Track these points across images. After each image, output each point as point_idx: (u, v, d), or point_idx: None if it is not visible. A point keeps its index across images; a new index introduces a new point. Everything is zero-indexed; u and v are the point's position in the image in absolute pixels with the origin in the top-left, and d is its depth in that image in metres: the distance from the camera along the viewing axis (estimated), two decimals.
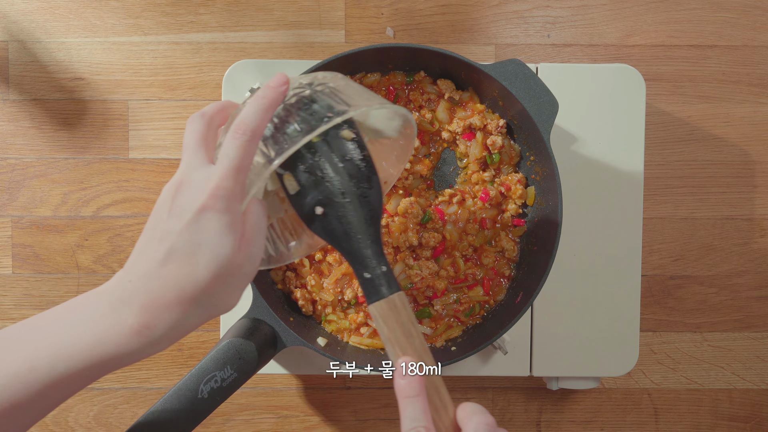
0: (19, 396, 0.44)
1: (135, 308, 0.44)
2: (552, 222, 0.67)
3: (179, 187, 0.45)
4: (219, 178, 0.44)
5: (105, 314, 0.44)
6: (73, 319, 0.45)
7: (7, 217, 0.85)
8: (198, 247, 0.43)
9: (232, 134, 0.45)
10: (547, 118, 0.65)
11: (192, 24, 0.85)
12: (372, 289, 0.51)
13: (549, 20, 0.85)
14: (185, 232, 0.44)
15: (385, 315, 0.50)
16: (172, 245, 0.44)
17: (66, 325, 0.45)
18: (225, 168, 0.44)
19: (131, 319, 0.44)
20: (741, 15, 0.85)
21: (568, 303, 0.77)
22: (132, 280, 0.44)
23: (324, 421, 0.86)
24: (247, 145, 0.45)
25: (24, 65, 0.84)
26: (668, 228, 0.86)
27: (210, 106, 0.50)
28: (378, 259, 0.52)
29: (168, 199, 0.45)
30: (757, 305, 0.86)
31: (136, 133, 0.85)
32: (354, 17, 0.85)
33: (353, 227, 0.53)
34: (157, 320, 0.44)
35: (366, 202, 0.53)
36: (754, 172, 0.86)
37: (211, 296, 0.45)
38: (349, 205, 0.53)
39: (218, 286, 0.45)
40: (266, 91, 0.48)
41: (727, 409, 0.87)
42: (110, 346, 0.44)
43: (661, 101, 0.85)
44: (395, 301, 0.50)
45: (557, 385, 0.79)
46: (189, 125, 0.48)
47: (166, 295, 0.44)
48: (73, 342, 0.44)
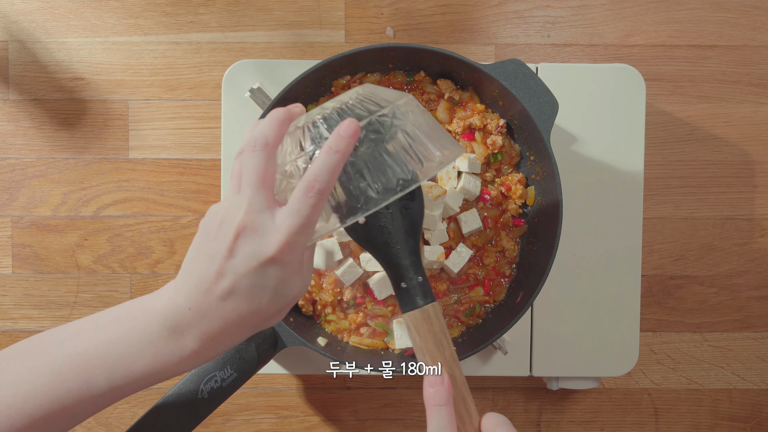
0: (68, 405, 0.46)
1: (196, 335, 0.45)
2: (552, 222, 0.67)
3: (242, 230, 0.44)
4: (289, 234, 0.44)
5: (164, 338, 0.45)
6: (131, 334, 0.46)
7: (7, 217, 0.85)
8: (263, 290, 0.45)
9: (305, 191, 0.44)
10: (547, 118, 0.65)
11: (192, 24, 0.85)
12: (407, 298, 0.52)
13: (549, 20, 0.85)
14: (251, 276, 0.44)
15: (418, 325, 0.51)
16: (235, 285, 0.44)
17: (124, 339, 0.46)
18: (296, 225, 0.44)
19: (192, 344, 0.45)
20: (741, 15, 0.85)
21: (568, 303, 0.77)
22: (192, 308, 0.45)
23: (324, 421, 0.86)
24: (319, 203, 0.44)
25: (24, 65, 0.84)
26: (668, 228, 0.86)
27: (269, 129, 0.47)
28: (415, 269, 0.53)
29: (227, 235, 0.44)
30: (757, 305, 0.86)
31: (136, 133, 0.85)
32: (354, 17, 0.85)
33: (393, 238, 0.54)
34: (217, 344, 0.46)
35: (408, 213, 0.54)
36: (754, 172, 0.86)
37: (268, 321, 0.47)
38: (391, 216, 0.53)
39: (275, 314, 0.47)
40: (338, 143, 0.45)
41: (727, 409, 0.87)
42: (169, 365, 0.46)
43: (661, 101, 0.85)
44: (429, 311, 0.51)
45: (557, 385, 0.79)
46: (251, 159, 0.46)
47: (229, 326, 0.45)
48: (133, 358, 0.45)
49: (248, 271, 0.44)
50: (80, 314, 0.85)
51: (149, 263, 0.85)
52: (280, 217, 0.44)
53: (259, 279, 0.44)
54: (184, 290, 0.45)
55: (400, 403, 0.86)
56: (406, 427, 0.87)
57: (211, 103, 0.84)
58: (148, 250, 0.85)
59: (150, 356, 0.45)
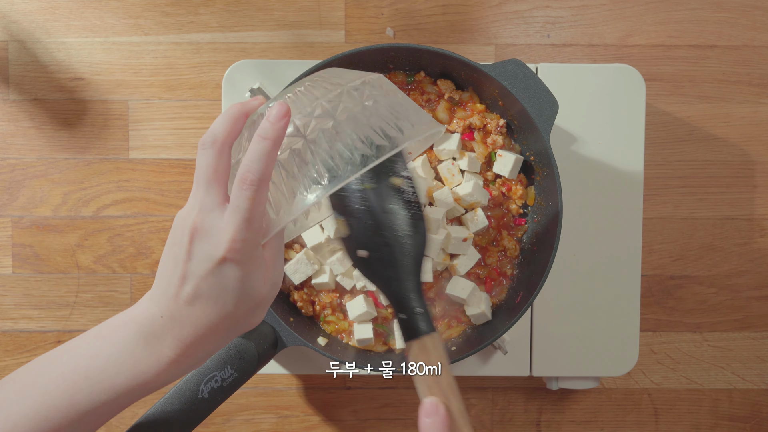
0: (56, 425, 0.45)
1: (171, 342, 0.45)
2: (552, 222, 0.67)
3: (195, 232, 0.44)
4: (233, 232, 0.43)
5: (141, 348, 0.45)
6: (110, 348, 0.46)
7: (7, 217, 0.85)
8: (224, 290, 0.44)
9: (239, 185, 0.43)
10: (547, 118, 0.65)
11: (192, 24, 0.85)
12: (406, 328, 0.53)
13: (549, 20, 0.85)
14: (209, 278, 0.44)
15: (416, 355, 0.51)
16: (197, 288, 0.44)
17: (103, 354, 0.45)
18: (237, 222, 0.43)
19: (169, 352, 0.45)
20: (741, 15, 0.85)
21: (568, 303, 0.77)
22: (164, 315, 0.45)
23: (324, 421, 0.86)
24: (256, 195, 0.43)
25: (24, 65, 0.84)
26: (668, 228, 0.86)
27: (219, 126, 0.46)
28: (416, 301, 0.53)
29: (184, 239, 0.44)
30: (757, 305, 0.86)
31: (136, 133, 0.85)
32: (354, 17, 0.85)
33: (394, 272, 0.54)
34: (194, 351, 0.46)
35: (409, 247, 0.54)
36: (754, 172, 0.86)
37: (242, 323, 0.47)
38: (391, 251, 0.54)
39: (248, 316, 0.46)
40: (267, 130, 0.43)
41: (727, 409, 0.87)
42: (150, 375, 0.45)
43: (661, 101, 0.85)
44: (426, 342, 0.52)
45: (557, 385, 0.79)
46: (199, 157, 0.46)
47: (200, 331, 0.45)
48: (113, 372, 0.45)
49: (205, 272, 0.44)
50: (80, 314, 0.85)
51: (149, 263, 0.85)
52: (226, 215, 0.44)
53: (218, 280, 0.44)
54: (156, 298, 0.46)
55: (400, 403, 0.86)
56: (406, 427, 0.87)
57: (212, 103, 0.84)
58: (148, 250, 0.85)
59: (130, 368, 0.45)
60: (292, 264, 0.69)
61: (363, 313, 0.69)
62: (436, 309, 0.72)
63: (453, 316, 0.72)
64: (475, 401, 0.86)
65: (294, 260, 0.69)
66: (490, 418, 0.86)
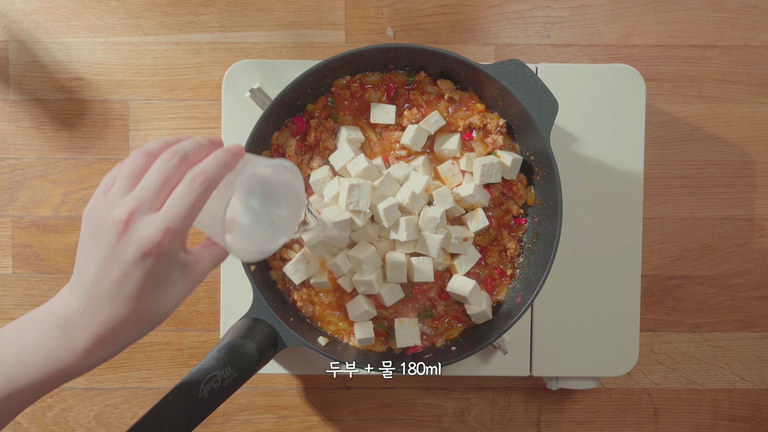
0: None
1: (88, 335, 0.46)
2: (552, 222, 0.67)
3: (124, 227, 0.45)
4: (167, 224, 0.45)
5: (54, 338, 0.46)
6: (25, 338, 0.47)
7: (7, 217, 0.85)
8: (145, 285, 0.46)
9: (192, 179, 0.46)
10: (547, 118, 0.65)
11: (192, 24, 0.85)
12: None
13: (549, 20, 0.85)
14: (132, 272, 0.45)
15: None
16: (120, 284, 0.45)
17: (18, 343, 0.47)
18: (175, 215, 0.45)
19: (83, 343, 0.46)
20: (741, 15, 0.85)
21: (568, 303, 0.77)
22: (84, 311, 0.46)
23: (324, 421, 0.86)
24: (204, 194, 0.46)
25: (24, 65, 0.84)
26: (668, 228, 0.86)
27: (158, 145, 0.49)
28: None
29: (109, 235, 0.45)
30: (757, 305, 0.86)
31: (136, 133, 0.85)
32: (354, 17, 0.85)
33: None
34: (109, 343, 0.47)
35: None
36: (754, 172, 0.86)
37: (161, 317, 0.49)
38: None
39: (169, 311, 0.49)
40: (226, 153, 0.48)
41: (727, 409, 0.87)
42: (62, 365, 0.46)
43: (661, 101, 0.85)
44: None
45: (557, 385, 0.79)
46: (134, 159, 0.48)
47: (120, 324, 0.47)
48: (26, 360, 0.46)
49: (130, 267, 0.45)
50: None
51: None
52: (163, 209, 0.45)
53: (141, 274, 0.45)
54: (77, 291, 0.47)
55: (400, 403, 0.86)
56: (406, 427, 0.87)
57: (212, 103, 0.84)
58: None
59: (42, 357, 0.46)
60: (292, 264, 0.69)
61: (363, 313, 0.69)
62: (437, 309, 0.72)
63: (453, 316, 0.72)
64: (475, 401, 0.86)
65: (294, 260, 0.69)
66: (490, 418, 0.86)
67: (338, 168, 0.69)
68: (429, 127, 0.70)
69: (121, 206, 0.46)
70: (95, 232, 0.46)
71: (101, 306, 0.46)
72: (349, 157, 0.68)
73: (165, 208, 0.45)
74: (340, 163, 0.69)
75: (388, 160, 0.71)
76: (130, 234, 0.45)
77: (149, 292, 0.46)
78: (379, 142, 0.72)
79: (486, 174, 0.69)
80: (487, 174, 0.69)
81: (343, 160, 0.69)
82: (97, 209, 0.47)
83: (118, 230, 0.45)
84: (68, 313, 0.47)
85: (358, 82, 0.72)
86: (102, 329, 0.46)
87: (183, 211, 0.45)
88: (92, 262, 0.46)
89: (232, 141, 0.75)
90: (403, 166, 0.70)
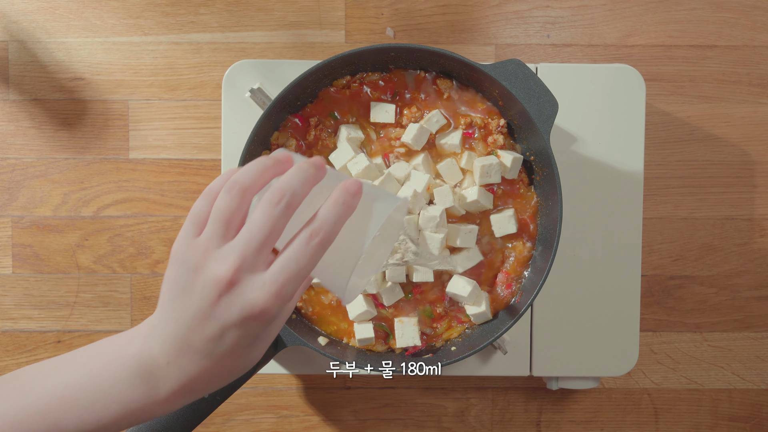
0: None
1: (171, 386, 0.43)
2: (552, 222, 0.67)
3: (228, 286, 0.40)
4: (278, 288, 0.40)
5: (136, 386, 0.43)
6: (101, 382, 0.44)
7: (7, 217, 0.85)
8: (242, 346, 0.43)
9: (308, 238, 0.40)
10: (547, 118, 0.65)
11: (192, 24, 0.85)
12: None
13: (549, 20, 0.85)
14: (232, 332, 0.41)
15: None
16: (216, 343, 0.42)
17: (93, 386, 0.44)
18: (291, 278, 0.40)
19: (165, 394, 0.44)
20: (741, 15, 0.85)
21: (568, 303, 0.77)
22: (171, 363, 0.43)
23: (324, 421, 0.86)
24: (322, 252, 0.41)
25: (24, 65, 0.84)
26: (668, 228, 0.86)
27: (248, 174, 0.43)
28: None
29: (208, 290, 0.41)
30: (757, 305, 0.86)
31: (136, 134, 0.85)
32: (354, 17, 0.85)
33: None
34: (193, 393, 0.44)
35: None
36: (754, 172, 0.86)
37: (247, 368, 0.46)
38: None
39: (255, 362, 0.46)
40: (345, 197, 0.41)
41: (727, 409, 0.87)
42: (140, 411, 0.44)
43: (661, 101, 0.85)
44: None
45: (557, 385, 0.79)
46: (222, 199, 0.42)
47: (207, 377, 0.43)
48: (102, 405, 0.44)
49: (230, 326, 0.41)
50: (80, 314, 0.85)
51: (149, 263, 0.85)
52: (275, 267, 0.41)
53: (242, 335, 0.42)
54: (163, 339, 0.43)
55: (400, 403, 0.86)
56: (406, 427, 0.87)
57: (212, 104, 0.85)
58: (148, 250, 0.85)
59: (120, 404, 0.44)
60: None
61: (363, 313, 0.69)
62: (437, 309, 0.72)
63: (453, 316, 0.72)
64: (475, 401, 0.86)
65: None
66: (490, 418, 0.86)
67: (338, 167, 0.69)
68: (430, 126, 0.70)
69: (223, 261, 0.40)
70: (191, 284, 0.41)
71: (190, 361, 0.42)
72: (350, 156, 0.68)
73: (276, 270, 0.40)
74: (340, 162, 0.69)
75: (389, 158, 0.71)
76: (234, 295, 0.40)
77: (244, 350, 0.43)
78: (379, 141, 0.72)
79: (485, 174, 0.68)
80: (486, 174, 0.68)
81: (344, 159, 0.69)
82: (190, 256, 0.42)
83: (219, 289, 0.40)
84: (151, 362, 0.43)
85: (358, 82, 0.72)
86: (187, 381, 0.43)
87: (296, 273, 0.40)
88: (184, 314, 0.42)
89: (232, 141, 0.75)
90: (404, 165, 0.70)
